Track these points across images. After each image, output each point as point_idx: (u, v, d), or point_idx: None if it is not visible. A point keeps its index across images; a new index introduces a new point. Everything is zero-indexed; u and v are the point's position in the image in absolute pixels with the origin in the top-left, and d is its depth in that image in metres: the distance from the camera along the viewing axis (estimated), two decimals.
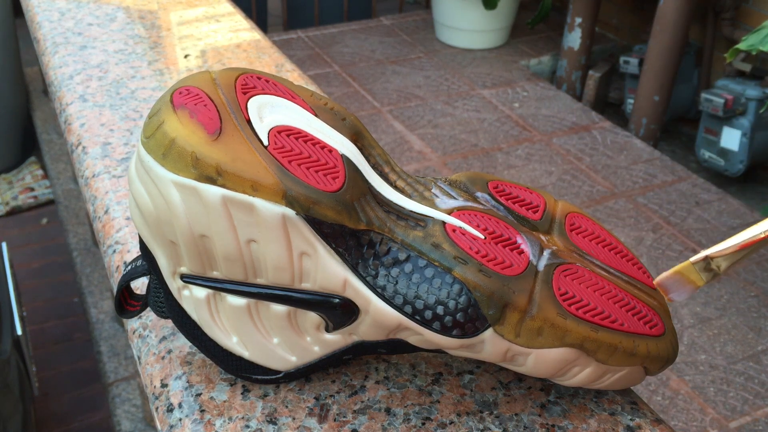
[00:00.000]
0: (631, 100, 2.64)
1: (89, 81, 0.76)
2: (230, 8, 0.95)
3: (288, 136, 0.38)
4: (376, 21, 3.13)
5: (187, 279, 0.39)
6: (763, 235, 0.36)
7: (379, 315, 0.38)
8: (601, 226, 0.45)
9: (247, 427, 0.41)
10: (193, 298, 0.40)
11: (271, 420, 0.41)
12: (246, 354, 0.41)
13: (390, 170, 0.42)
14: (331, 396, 0.43)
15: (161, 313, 0.43)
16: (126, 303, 0.45)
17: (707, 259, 0.38)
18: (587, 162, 2.28)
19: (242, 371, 0.42)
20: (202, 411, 0.42)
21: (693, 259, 0.38)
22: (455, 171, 2.20)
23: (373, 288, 0.38)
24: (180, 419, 0.42)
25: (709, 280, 0.39)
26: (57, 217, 2.25)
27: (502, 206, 0.42)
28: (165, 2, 0.95)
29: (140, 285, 0.51)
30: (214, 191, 0.36)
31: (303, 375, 0.43)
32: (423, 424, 0.41)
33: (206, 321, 0.41)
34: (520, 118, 2.49)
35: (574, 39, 2.69)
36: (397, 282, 0.38)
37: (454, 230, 0.39)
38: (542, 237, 0.42)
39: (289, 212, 0.36)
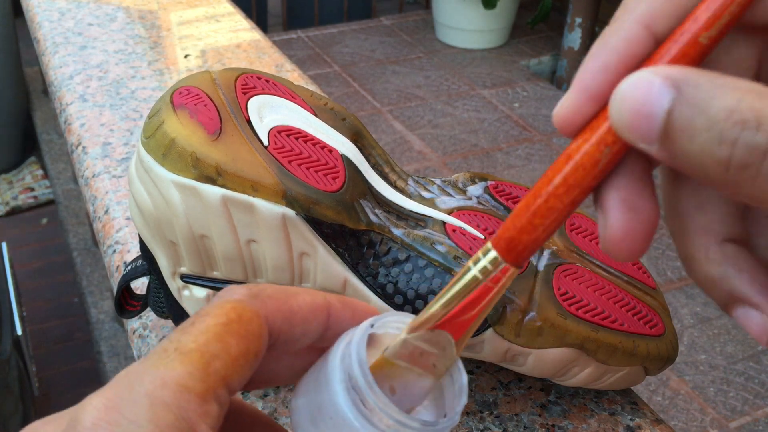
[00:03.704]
0: None
1: (89, 81, 0.75)
2: (230, 8, 0.95)
3: (288, 136, 0.38)
4: (376, 21, 3.13)
5: (187, 279, 0.39)
6: (472, 283, 0.22)
7: None
8: None
9: None
10: (193, 298, 0.40)
11: None
12: None
13: (390, 170, 0.42)
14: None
15: (161, 313, 0.43)
16: (126, 303, 0.45)
17: (407, 344, 0.22)
18: None
19: None
20: None
21: (390, 348, 0.23)
22: (455, 171, 2.20)
23: (372, 288, 0.38)
24: None
25: (439, 375, 0.23)
26: (57, 217, 2.25)
27: (502, 206, 0.42)
28: (165, 2, 0.95)
29: (140, 285, 0.51)
30: (214, 191, 0.36)
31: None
32: None
33: None
34: (520, 118, 2.49)
35: (574, 39, 2.69)
36: (396, 282, 0.38)
37: (454, 230, 0.39)
38: None
39: (289, 212, 0.36)
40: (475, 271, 0.22)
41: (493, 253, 0.21)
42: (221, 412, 0.19)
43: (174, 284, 0.40)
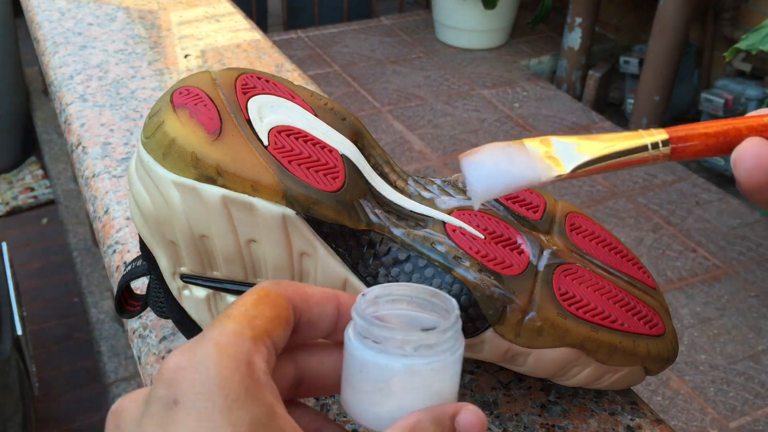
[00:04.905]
0: (631, 100, 2.63)
1: (89, 81, 0.75)
2: (230, 8, 0.95)
3: (288, 136, 0.38)
4: (376, 21, 3.13)
5: (187, 279, 0.39)
6: (644, 156, 0.29)
7: None
8: (601, 226, 0.45)
9: None
10: (193, 298, 0.40)
11: None
12: None
13: (390, 170, 0.42)
14: (331, 396, 0.43)
15: (161, 313, 0.43)
16: (126, 303, 0.45)
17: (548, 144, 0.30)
18: None
19: None
20: None
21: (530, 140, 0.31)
22: (455, 171, 2.20)
23: None
24: None
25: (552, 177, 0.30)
26: (57, 217, 2.25)
27: (502, 206, 0.42)
28: (165, 2, 0.95)
29: (140, 285, 0.51)
30: (214, 191, 0.36)
31: None
32: None
33: (206, 321, 0.41)
34: (520, 118, 2.49)
35: (574, 39, 2.69)
36: (397, 282, 0.38)
37: (454, 230, 0.39)
38: (542, 237, 0.42)
39: (289, 212, 0.36)
40: (647, 141, 0.29)
41: (664, 135, 0.29)
42: (271, 356, 0.25)
43: (174, 284, 0.40)
